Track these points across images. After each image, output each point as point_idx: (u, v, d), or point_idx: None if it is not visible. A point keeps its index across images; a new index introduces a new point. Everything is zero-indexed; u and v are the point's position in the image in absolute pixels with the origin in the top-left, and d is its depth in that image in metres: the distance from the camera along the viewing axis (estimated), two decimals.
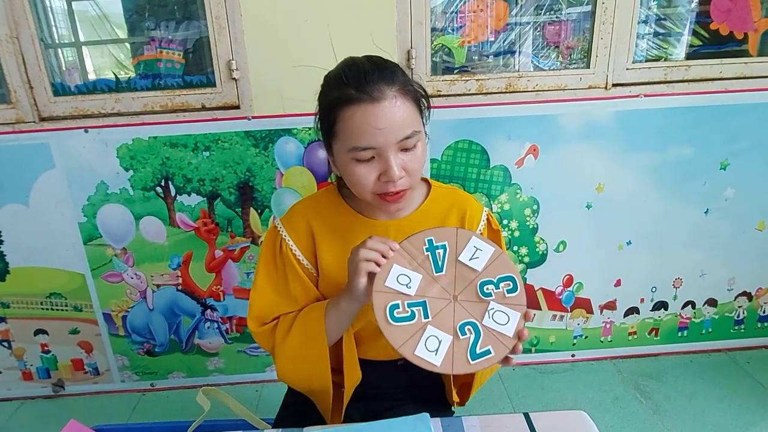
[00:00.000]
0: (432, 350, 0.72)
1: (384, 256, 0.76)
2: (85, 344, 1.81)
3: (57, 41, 1.67)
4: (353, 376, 0.92)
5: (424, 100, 0.87)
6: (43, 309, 1.76)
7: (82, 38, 1.74)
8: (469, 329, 0.74)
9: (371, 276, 0.76)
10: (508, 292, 0.76)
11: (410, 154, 0.82)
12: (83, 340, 1.81)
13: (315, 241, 0.92)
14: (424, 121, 0.86)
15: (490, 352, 0.73)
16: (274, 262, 0.93)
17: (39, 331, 1.79)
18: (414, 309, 0.74)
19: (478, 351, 0.73)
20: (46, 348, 1.81)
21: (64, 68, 1.58)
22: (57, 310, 1.76)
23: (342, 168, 0.84)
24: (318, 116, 0.87)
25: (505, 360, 0.75)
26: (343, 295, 0.83)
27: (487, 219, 0.97)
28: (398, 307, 0.74)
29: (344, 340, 0.91)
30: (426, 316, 0.74)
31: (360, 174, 0.81)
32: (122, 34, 1.76)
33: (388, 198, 0.82)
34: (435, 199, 0.95)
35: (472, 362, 0.72)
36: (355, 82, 0.79)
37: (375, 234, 0.89)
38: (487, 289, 0.76)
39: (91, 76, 1.67)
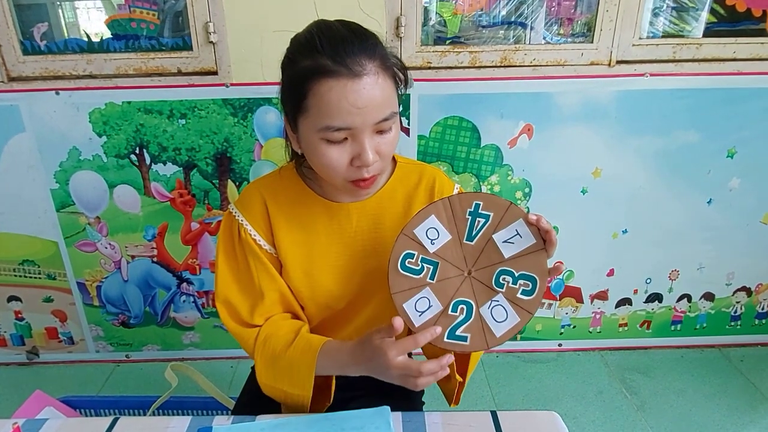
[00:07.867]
0: (419, 311, 0.71)
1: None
2: (59, 313, 1.78)
3: None
4: (325, 400, 0.84)
5: (400, 75, 0.77)
6: (16, 276, 1.72)
7: None
8: (462, 309, 0.71)
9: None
10: (523, 293, 0.70)
11: (385, 136, 0.74)
12: (57, 308, 1.77)
13: (271, 223, 0.85)
14: (398, 99, 0.78)
15: (466, 341, 0.70)
16: (234, 252, 0.86)
17: (12, 298, 1.75)
18: (425, 265, 0.73)
19: (458, 333, 0.70)
20: (19, 315, 1.78)
21: (33, 26, 1.50)
22: (30, 277, 1.72)
23: (309, 148, 0.75)
24: (283, 86, 0.76)
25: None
26: (354, 364, 0.75)
27: None
28: (412, 258, 0.73)
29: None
30: (432, 277, 0.72)
31: (331, 157, 0.73)
32: None
33: (360, 184, 0.76)
34: (400, 177, 0.88)
35: (445, 340, 0.70)
36: (331, 51, 0.69)
37: (335, 216, 0.85)
38: (503, 279, 0.71)
39: (63, 36, 1.58)
